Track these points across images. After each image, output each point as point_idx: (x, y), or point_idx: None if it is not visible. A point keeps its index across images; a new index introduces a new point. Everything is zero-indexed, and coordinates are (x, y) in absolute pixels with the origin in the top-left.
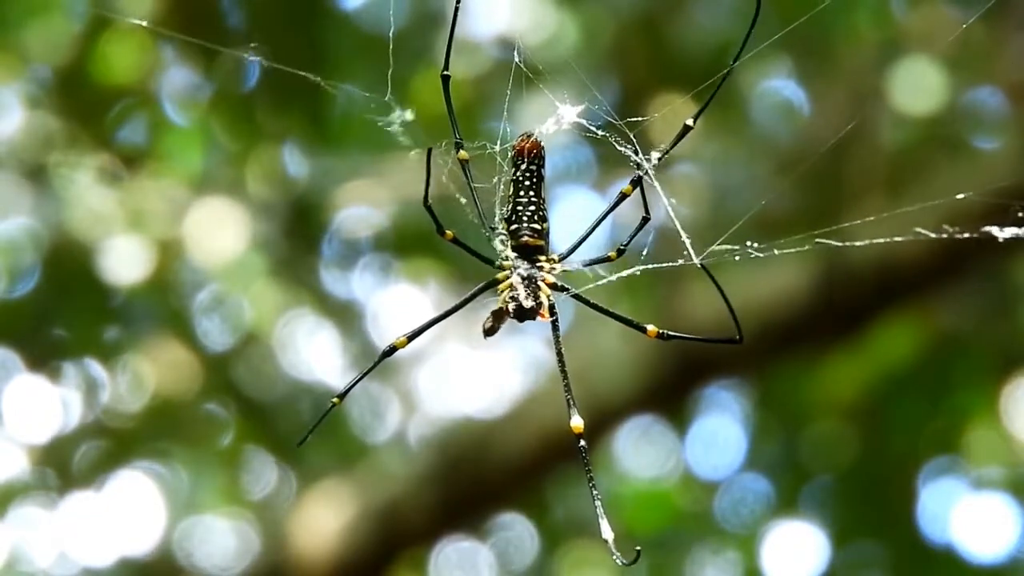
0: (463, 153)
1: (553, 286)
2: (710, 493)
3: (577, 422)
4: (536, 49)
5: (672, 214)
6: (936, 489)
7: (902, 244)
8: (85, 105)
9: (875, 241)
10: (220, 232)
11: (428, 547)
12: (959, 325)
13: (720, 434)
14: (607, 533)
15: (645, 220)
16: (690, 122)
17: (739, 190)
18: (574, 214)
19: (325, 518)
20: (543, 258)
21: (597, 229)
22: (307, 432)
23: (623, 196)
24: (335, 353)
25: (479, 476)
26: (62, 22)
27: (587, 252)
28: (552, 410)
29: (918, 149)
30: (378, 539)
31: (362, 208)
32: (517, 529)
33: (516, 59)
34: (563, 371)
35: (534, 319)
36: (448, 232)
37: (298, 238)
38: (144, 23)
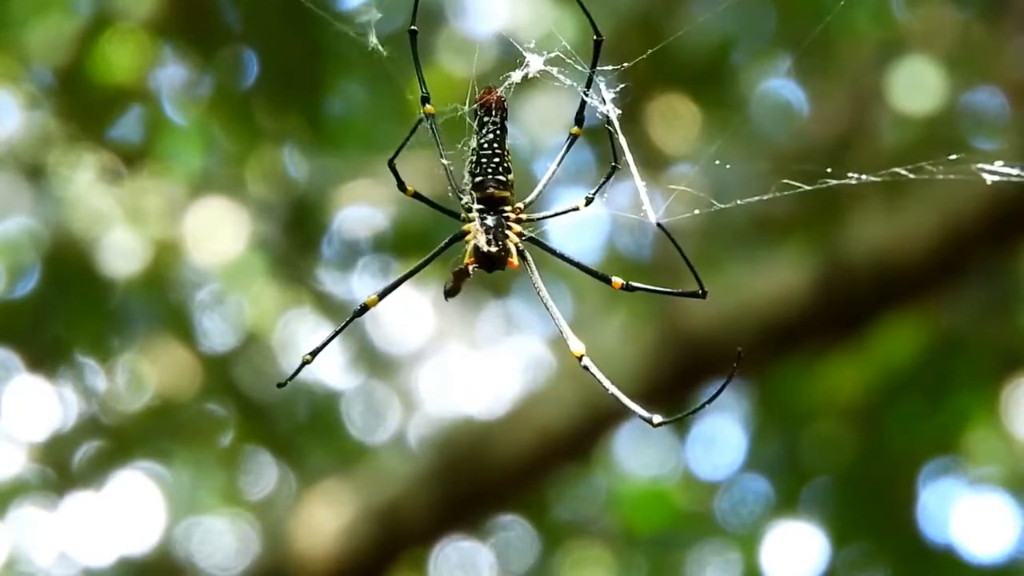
0: (429, 107)
1: (520, 234)
2: (710, 493)
3: (576, 347)
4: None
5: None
6: (936, 489)
7: (902, 243)
8: (85, 105)
9: (877, 178)
10: (220, 232)
11: (428, 547)
12: (959, 325)
13: (720, 434)
14: (634, 405)
15: (614, 169)
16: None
17: (738, 190)
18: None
19: (325, 518)
20: (508, 208)
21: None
22: (285, 381)
23: (573, 137)
24: (335, 353)
25: (479, 476)
26: (62, 22)
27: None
28: (552, 410)
29: (918, 149)
30: (378, 539)
31: (362, 208)
32: (517, 529)
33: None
34: (547, 306)
35: (503, 268)
36: (409, 188)
37: (298, 238)
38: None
